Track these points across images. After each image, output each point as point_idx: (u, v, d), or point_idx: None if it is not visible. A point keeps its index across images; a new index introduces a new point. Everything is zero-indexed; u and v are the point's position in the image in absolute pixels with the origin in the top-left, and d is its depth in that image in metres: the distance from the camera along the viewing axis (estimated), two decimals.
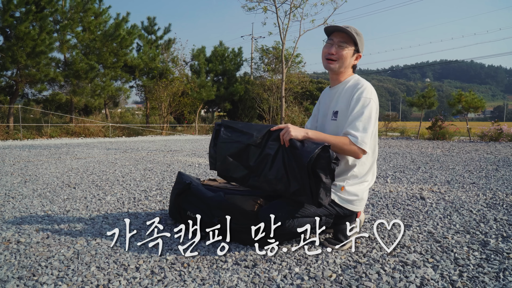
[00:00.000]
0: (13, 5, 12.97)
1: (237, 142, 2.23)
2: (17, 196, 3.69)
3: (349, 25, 2.27)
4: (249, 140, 2.19)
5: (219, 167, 2.34)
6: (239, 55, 23.94)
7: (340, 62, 2.26)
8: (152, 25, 20.31)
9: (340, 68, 2.28)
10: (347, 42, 2.24)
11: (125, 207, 3.28)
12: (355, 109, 2.14)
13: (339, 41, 2.25)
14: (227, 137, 2.30)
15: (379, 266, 1.99)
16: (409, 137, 16.71)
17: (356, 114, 2.13)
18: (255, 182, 2.19)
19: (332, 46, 2.26)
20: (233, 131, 2.30)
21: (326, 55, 2.29)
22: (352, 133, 2.10)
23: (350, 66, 2.30)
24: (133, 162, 6.60)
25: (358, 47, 2.27)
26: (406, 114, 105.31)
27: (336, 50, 2.25)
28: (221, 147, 2.31)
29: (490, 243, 2.35)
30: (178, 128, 21.38)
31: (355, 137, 2.09)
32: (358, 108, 2.14)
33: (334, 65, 2.27)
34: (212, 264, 2.01)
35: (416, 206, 3.37)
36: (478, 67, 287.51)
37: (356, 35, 2.23)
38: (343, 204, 2.21)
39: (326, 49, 2.29)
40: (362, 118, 2.12)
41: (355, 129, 2.10)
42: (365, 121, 2.12)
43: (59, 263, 2.00)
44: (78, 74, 14.95)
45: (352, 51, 2.27)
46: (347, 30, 2.21)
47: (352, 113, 2.15)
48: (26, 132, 14.36)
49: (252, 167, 2.16)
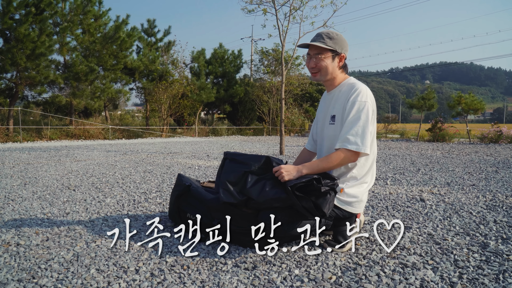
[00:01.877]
0: (13, 8, 12.99)
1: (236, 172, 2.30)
2: (17, 198, 3.69)
3: (322, 31, 2.31)
4: (248, 168, 2.27)
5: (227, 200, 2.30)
6: (239, 57, 23.96)
7: (322, 72, 2.31)
8: (152, 27, 20.33)
9: (326, 77, 2.33)
10: (321, 51, 2.28)
11: (125, 209, 3.28)
12: (351, 114, 2.16)
13: (314, 54, 2.30)
14: (228, 167, 2.38)
15: (379, 268, 1.99)
16: (409, 139, 16.72)
17: (353, 119, 2.15)
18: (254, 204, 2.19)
19: (311, 59, 2.32)
20: (235, 162, 2.37)
21: (309, 69, 2.37)
22: (352, 141, 2.12)
23: (336, 70, 2.32)
24: (132, 164, 6.60)
25: (336, 50, 2.27)
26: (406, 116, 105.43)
27: (315, 63, 2.30)
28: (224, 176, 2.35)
29: (490, 245, 2.35)
30: (178, 130, 21.38)
31: (355, 144, 2.12)
32: (354, 112, 2.15)
33: (318, 77, 2.34)
34: (212, 266, 2.01)
35: (416, 208, 3.37)
36: (478, 69, 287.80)
37: (328, 40, 2.25)
38: (342, 206, 2.22)
39: (307, 63, 2.37)
40: (360, 123, 2.14)
41: (354, 136, 2.13)
42: (363, 125, 2.14)
43: (58, 265, 2.00)
44: (78, 76, 14.96)
45: (330, 57, 2.28)
46: (315, 43, 2.25)
47: (349, 118, 2.16)
48: (26, 135, 14.36)
49: (249, 190, 2.18)
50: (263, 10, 8.93)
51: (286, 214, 2.10)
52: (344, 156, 2.15)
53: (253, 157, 2.34)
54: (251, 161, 2.30)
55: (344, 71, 2.37)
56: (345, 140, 2.14)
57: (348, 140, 2.13)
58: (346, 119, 2.17)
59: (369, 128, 2.15)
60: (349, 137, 2.13)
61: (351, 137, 2.13)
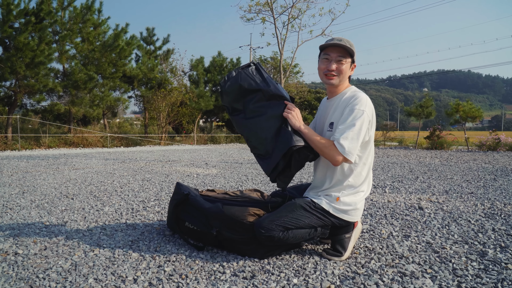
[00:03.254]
0: (13, 16, 13.04)
1: (255, 82, 2.30)
2: (15, 207, 3.68)
3: (341, 38, 2.28)
4: (263, 87, 2.28)
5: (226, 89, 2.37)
6: (238, 65, 24.04)
7: (340, 77, 2.27)
8: (151, 36, 20.41)
9: (340, 82, 2.30)
10: (345, 56, 2.24)
11: (123, 218, 3.27)
12: (347, 120, 2.15)
13: (337, 56, 2.24)
14: (249, 74, 2.35)
15: (378, 277, 1.98)
16: (407, 147, 16.74)
17: (348, 124, 2.14)
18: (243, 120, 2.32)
19: (330, 62, 2.25)
20: (258, 74, 2.36)
21: (325, 71, 2.28)
22: (341, 143, 2.11)
23: (347, 77, 2.32)
24: (131, 173, 6.59)
25: (354, 58, 2.30)
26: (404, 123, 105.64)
27: (336, 66, 2.25)
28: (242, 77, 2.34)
29: (488, 253, 2.35)
30: (176, 138, 21.38)
31: (342, 147, 2.10)
32: (350, 119, 2.15)
33: (334, 80, 2.27)
34: (210, 275, 2.01)
35: (414, 216, 3.37)
36: (476, 77, 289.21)
37: (351, 47, 2.25)
38: (338, 215, 2.22)
39: (323, 65, 2.28)
40: (354, 129, 2.12)
41: (344, 139, 2.11)
42: (356, 133, 2.12)
43: (56, 274, 2.00)
44: (77, 85, 14.98)
45: (349, 63, 2.28)
46: (345, 45, 2.21)
47: (344, 122, 2.16)
48: (24, 143, 14.34)
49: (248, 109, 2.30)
50: (262, 18, 9.00)
51: (281, 222, 2.14)
52: (334, 151, 2.13)
53: (274, 83, 2.32)
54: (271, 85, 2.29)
55: (348, 79, 2.38)
56: (338, 138, 2.13)
57: (339, 140, 2.12)
58: (342, 123, 2.16)
59: (360, 137, 2.13)
60: (340, 138, 2.12)
61: (343, 140, 2.11)
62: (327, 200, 2.22)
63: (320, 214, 2.20)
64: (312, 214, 2.18)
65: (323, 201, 2.22)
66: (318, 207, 2.20)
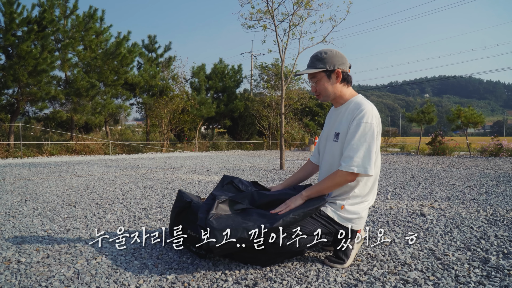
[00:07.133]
0: (15, 24, 13.15)
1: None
2: (18, 215, 3.69)
3: (313, 54, 2.38)
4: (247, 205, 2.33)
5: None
6: (239, 72, 24.14)
7: (323, 94, 2.37)
8: (152, 43, 20.52)
9: (329, 97, 2.38)
10: (314, 76, 2.35)
11: (125, 225, 3.27)
12: (356, 135, 2.16)
13: (310, 80, 2.39)
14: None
15: (380, 284, 1.98)
16: (409, 153, 16.72)
17: (359, 141, 2.15)
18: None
19: (311, 85, 2.41)
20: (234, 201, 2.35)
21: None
22: (358, 163, 2.14)
23: (337, 87, 2.33)
24: (133, 180, 6.60)
25: (327, 68, 2.29)
26: (405, 129, 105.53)
27: (314, 87, 2.38)
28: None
29: (491, 260, 2.34)
30: (178, 145, 21.40)
31: (362, 167, 2.13)
32: (359, 134, 2.16)
33: (322, 99, 2.41)
34: (212, 283, 2.01)
35: (416, 222, 3.37)
36: (477, 83, 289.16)
37: (317, 62, 2.30)
38: (342, 223, 2.22)
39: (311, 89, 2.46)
40: (365, 145, 2.14)
41: (362, 158, 2.14)
42: (368, 147, 2.15)
43: (59, 283, 2.00)
44: (79, 92, 15.05)
45: (325, 78, 2.32)
46: (304, 71, 2.34)
47: (354, 139, 2.16)
48: (27, 150, 14.38)
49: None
50: (263, 26, 9.04)
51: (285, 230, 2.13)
52: (345, 178, 2.17)
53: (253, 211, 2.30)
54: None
55: (347, 85, 2.36)
56: (350, 162, 2.14)
57: (354, 162, 2.13)
58: (351, 140, 2.17)
59: (374, 149, 2.16)
60: (355, 159, 2.13)
61: (358, 159, 2.13)
62: (332, 208, 2.23)
63: (325, 222, 2.20)
64: (317, 221, 2.19)
65: (328, 208, 2.23)
66: (323, 215, 2.21)
